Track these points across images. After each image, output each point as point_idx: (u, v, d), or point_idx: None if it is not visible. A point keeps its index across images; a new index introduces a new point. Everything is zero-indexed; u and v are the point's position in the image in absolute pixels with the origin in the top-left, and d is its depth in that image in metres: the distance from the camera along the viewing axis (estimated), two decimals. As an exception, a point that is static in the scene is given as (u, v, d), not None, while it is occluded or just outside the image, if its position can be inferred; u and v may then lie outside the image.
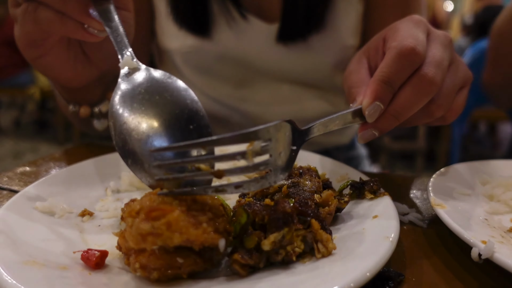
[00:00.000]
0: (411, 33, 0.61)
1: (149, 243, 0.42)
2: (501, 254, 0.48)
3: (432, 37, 0.64)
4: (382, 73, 0.59)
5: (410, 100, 0.59)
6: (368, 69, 0.68)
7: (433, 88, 0.59)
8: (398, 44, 0.59)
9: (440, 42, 0.63)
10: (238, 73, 1.11)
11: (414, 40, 0.59)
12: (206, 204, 0.48)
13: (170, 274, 0.45)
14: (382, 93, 0.58)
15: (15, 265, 0.44)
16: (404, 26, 0.64)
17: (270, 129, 0.49)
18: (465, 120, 3.90)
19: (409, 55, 0.58)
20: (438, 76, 0.59)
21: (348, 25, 1.07)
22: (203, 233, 0.44)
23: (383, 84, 0.58)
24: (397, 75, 0.59)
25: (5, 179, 0.80)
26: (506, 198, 0.67)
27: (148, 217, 0.43)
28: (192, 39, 1.06)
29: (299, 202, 0.51)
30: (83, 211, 0.62)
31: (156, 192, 0.48)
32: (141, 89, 0.55)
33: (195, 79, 1.14)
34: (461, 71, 0.67)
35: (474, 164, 0.81)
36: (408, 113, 0.60)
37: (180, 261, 0.44)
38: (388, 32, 0.66)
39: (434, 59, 0.60)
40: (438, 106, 0.63)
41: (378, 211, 0.57)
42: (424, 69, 0.59)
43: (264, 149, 0.49)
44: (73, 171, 0.73)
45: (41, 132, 6.14)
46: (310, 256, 0.49)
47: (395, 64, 0.58)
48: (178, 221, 0.43)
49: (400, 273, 0.50)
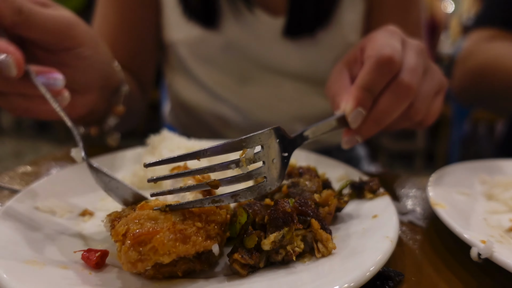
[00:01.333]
0: (388, 42, 0.64)
1: (140, 268, 0.43)
2: (500, 253, 0.48)
3: (407, 45, 0.67)
4: (362, 80, 0.62)
5: (390, 105, 0.62)
6: (349, 79, 0.70)
7: (410, 93, 0.62)
8: (376, 53, 0.62)
9: (414, 50, 0.67)
10: (242, 66, 1.12)
11: (391, 48, 0.62)
12: (194, 213, 0.47)
13: (166, 271, 0.45)
14: (363, 99, 0.61)
15: (15, 265, 0.44)
16: (380, 36, 0.67)
17: (262, 136, 0.50)
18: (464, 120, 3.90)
19: (387, 62, 0.61)
20: (414, 81, 0.62)
21: (351, 22, 1.09)
22: (192, 246, 0.44)
23: (363, 91, 0.61)
24: (377, 82, 0.61)
25: (6, 178, 0.80)
26: (505, 197, 0.67)
27: (134, 243, 0.42)
28: (198, 30, 1.07)
29: (299, 202, 0.51)
30: (83, 211, 0.62)
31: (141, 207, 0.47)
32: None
33: (199, 71, 1.15)
34: (436, 77, 0.70)
35: (473, 164, 0.81)
36: (388, 118, 0.63)
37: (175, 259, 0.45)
38: (365, 42, 0.69)
39: (410, 66, 0.63)
40: (416, 111, 0.66)
41: (378, 211, 0.57)
42: (401, 75, 0.62)
43: (257, 156, 0.50)
44: (74, 171, 0.74)
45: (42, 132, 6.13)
46: (310, 256, 0.49)
47: (374, 72, 0.61)
48: (163, 244, 0.43)
49: (399, 273, 0.50)
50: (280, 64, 1.11)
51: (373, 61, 0.61)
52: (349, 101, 0.62)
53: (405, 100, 0.63)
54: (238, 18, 1.06)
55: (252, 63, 1.11)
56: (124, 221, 0.45)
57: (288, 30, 1.05)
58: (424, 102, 0.67)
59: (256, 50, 1.09)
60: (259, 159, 0.51)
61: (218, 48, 1.10)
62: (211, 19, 1.06)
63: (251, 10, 1.05)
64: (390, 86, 0.63)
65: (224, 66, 1.13)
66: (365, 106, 0.62)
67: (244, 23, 1.06)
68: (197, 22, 1.07)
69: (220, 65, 1.13)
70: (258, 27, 1.07)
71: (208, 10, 1.05)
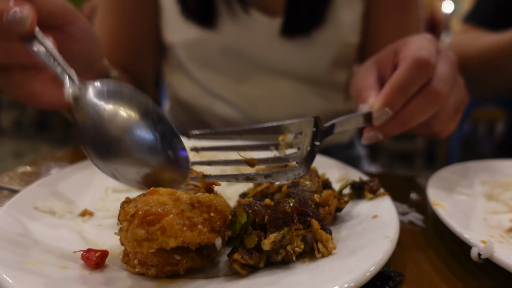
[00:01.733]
0: (425, 46, 0.63)
1: (145, 247, 0.42)
2: (500, 253, 0.48)
3: (441, 55, 0.67)
4: (397, 80, 0.61)
5: (418, 110, 0.62)
6: (377, 78, 0.70)
7: (440, 101, 0.62)
8: (414, 54, 0.61)
9: (448, 60, 0.66)
10: (240, 67, 1.12)
11: (428, 52, 0.62)
12: (202, 203, 0.47)
13: (168, 270, 0.45)
14: (394, 99, 0.61)
15: (15, 265, 0.44)
16: (417, 40, 0.67)
17: (302, 124, 0.53)
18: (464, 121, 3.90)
19: (424, 65, 0.60)
20: (445, 91, 0.62)
21: (348, 22, 1.09)
22: (198, 235, 0.44)
23: (397, 91, 0.61)
24: (411, 84, 0.61)
25: (6, 179, 0.80)
26: (505, 198, 0.67)
27: (142, 222, 0.42)
28: (196, 31, 1.08)
29: (299, 202, 0.51)
30: (83, 211, 0.62)
31: (151, 192, 0.47)
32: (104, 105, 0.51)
33: (198, 73, 1.16)
34: (461, 92, 0.70)
35: (474, 164, 0.81)
36: (414, 122, 0.63)
37: (177, 258, 0.45)
38: (400, 45, 0.68)
39: (443, 75, 0.63)
40: (438, 121, 0.66)
41: (378, 211, 0.57)
42: (434, 82, 0.62)
43: (296, 141, 0.54)
44: (74, 171, 0.74)
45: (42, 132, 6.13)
46: (310, 256, 0.49)
47: (410, 72, 0.60)
48: (172, 226, 0.43)
49: (400, 273, 0.50)
50: (278, 63, 1.11)
51: (410, 61, 0.61)
52: (379, 98, 0.62)
53: (434, 107, 0.63)
54: (235, 18, 1.06)
55: (250, 63, 1.11)
56: (133, 204, 0.45)
57: (285, 30, 1.05)
58: (448, 114, 0.67)
59: (253, 50, 1.09)
60: (296, 145, 0.54)
61: (216, 50, 1.10)
62: (209, 19, 1.06)
63: (246, 11, 1.05)
64: (422, 91, 0.62)
65: (222, 67, 1.13)
66: (393, 107, 0.61)
67: (241, 24, 1.07)
68: (194, 23, 1.07)
69: (218, 66, 1.13)
70: (255, 27, 1.07)
71: (206, 10, 1.05)
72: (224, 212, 0.47)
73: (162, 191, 0.47)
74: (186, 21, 1.08)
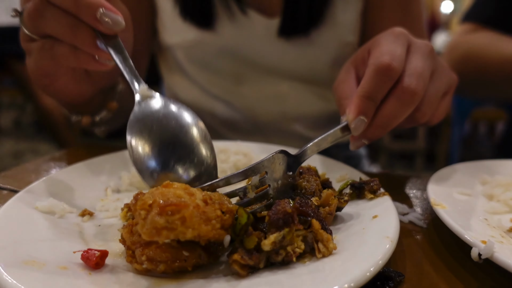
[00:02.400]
0: (388, 49, 0.64)
1: (163, 236, 0.43)
2: (501, 254, 0.48)
3: (413, 48, 0.67)
4: (363, 89, 0.63)
5: (395, 110, 0.63)
6: (356, 79, 0.71)
7: (415, 98, 0.63)
8: (375, 61, 0.63)
9: (421, 52, 0.67)
10: (238, 68, 1.12)
11: (390, 56, 0.63)
12: (214, 201, 0.49)
13: (176, 266, 0.46)
14: (364, 107, 0.62)
15: (15, 265, 0.44)
16: (384, 40, 0.68)
17: (265, 163, 0.55)
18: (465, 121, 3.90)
19: (385, 70, 0.62)
20: (419, 86, 0.62)
21: (347, 21, 1.09)
22: (212, 229, 0.45)
23: (365, 99, 0.62)
24: (377, 90, 0.62)
25: (5, 179, 0.80)
26: (506, 198, 0.67)
27: (163, 211, 0.43)
28: (194, 33, 1.08)
29: (300, 202, 0.51)
30: (83, 211, 0.62)
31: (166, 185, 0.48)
32: (159, 114, 0.58)
33: (196, 74, 1.15)
34: (444, 77, 0.70)
35: (474, 164, 0.81)
36: (394, 123, 0.64)
37: (186, 254, 0.45)
38: (371, 44, 0.70)
39: (416, 70, 0.63)
40: (422, 114, 0.67)
41: (378, 211, 0.57)
42: (406, 80, 0.62)
43: (262, 181, 0.56)
44: (73, 171, 0.73)
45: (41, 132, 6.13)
46: (310, 256, 0.49)
47: (373, 80, 0.62)
48: (192, 217, 0.44)
49: (400, 273, 0.50)
50: (277, 64, 1.11)
51: (371, 69, 0.63)
52: (351, 110, 0.63)
53: (410, 105, 0.63)
54: (233, 19, 1.06)
55: (248, 64, 1.11)
56: (149, 194, 0.46)
57: (283, 31, 1.05)
58: (431, 105, 0.67)
59: (252, 51, 1.09)
60: (265, 182, 0.56)
61: (214, 51, 1.10)
62: (207, 21, 1.06)
63: (244, 12, 1.05)
64: (394, 91, 0.63)
65: (221, 68, 1.13)
66: (367, 114, 0.63)
67: (239, 25, 1.06)
68: (192, 24, 1.07)
69: (216, 67, 1.13)
70: (253, 28, 1.06)
71: (204, 12, 1.05)
72: (233, 210, 0.49)
73: (177, 184, 0.49)
74: (184, 22, 1.08)
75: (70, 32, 0.61)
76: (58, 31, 0.61)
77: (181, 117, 0.59)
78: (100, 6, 0.59)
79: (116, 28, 0.61)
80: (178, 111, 0.59)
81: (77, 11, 0.59)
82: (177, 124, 0.58)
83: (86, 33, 0.61)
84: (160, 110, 0.59)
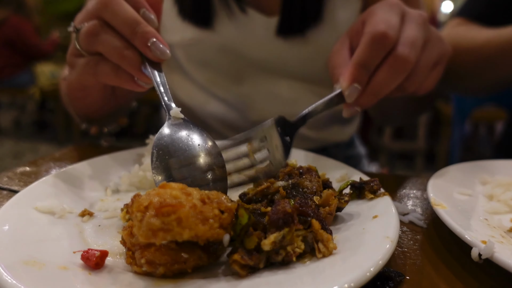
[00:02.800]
0: (384, 18, 0.66)
1: (159, 238, 0.43)
2: (501, 254, 0.48)
3: (407, 18, 0.69)
4: (358, 57, 0.65)
5: (387, 78, 0.65)
6: (349, 50, 0.73)
7: (407, 66, 0.65)
8: (371, 29, 0.64)
9: (415, 22, 0.68)
10: (237, 66, 1.12)
11: (386, 24, 0.64)
12: (212, 200, 0.48)
13: (176, 269, 0.45)
14: (358, 75, 0.65)
15: (15, 265, 0.44)
16: (379, 10, 0.69)
17: (264, 129, 0.59)
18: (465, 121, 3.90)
19: (381, 39, 0.63)
20: (412, 54, 0.64)
21: (346, 20, 1.09)
22: (210, 229, 0.45)
23: (359, 67, 0.64)
24: (371, 58, 0.64)
25: (5, 179, 0.80)
26: (506, 198, 0.67)
27: (158, 212, 0.43)
28: (193, 31, 1.08)
29: (300, 202, 0.51)
30: (83, 211, 0.62)
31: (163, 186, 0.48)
32: (185, 134, 0.62)
33: (195, 73, 1.16)
34: (437, 48, 0.71)
35: (474, 164, 0.81)
36: (385, 90, 0.66)
37: (185, 256, 0.45)
38: (366, 15, 0.71)
39: (409, 39, 0.65)
40: (411, 83, 0.69)
41: (378, 211, 0.57)
42: (399, 49, 0.64)
43: (261, 146, 0.60)
44: (73, 171, 0.73)
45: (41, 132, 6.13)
46: (310, 256, 0.49)
47: (368, 48, 0.64)
48: (188, 217, 0.43)
49: (400, 273, 0.50)
50: (275, 63, 1.11)
51: (367, 37, 0.64)
52: (345, 77, 0.65)
53: (402, 73, 0.65)
54: (233, 18, 1.06)
55: (247, 63, 1.11)
56: (146, 196, 0.46)
57: (280, 29, 1.05)
58: (421, 75, 0.69)
59: (250, 49, 1.09)
60: (264, 147, 0.60)
61: (213, 50, 1.10)
62: (206, 19, 1.06)
63: (243, 10, 1.05)
64: (387, 60, 0.65)
65: (219, 67, 1.13)
66: (360, 82, 0.65)
67: (238, 23, 1.06)
68: (191, 23, 1.07)
69: (215, 66, 1.13)
70: (252, 27, 1.06)
71: (203, 10, 1.06)
72: (232, 209, 0.48)
73: (174, 185, 0.48)
74: (183, 21, 1.08)
75: (119, 53, 0.64)
76: (109, 51, 0.65)
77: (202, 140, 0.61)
78: (153, 36, 0.64)
79: (163, 57, 0.65)
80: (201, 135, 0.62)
81: (132, 37, 0.64)
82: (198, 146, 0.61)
83: (134, 56, 0.65)
84: (186, 131, 0.62)
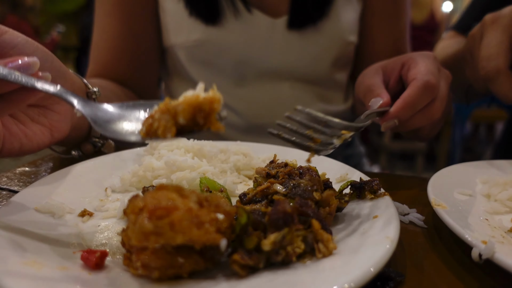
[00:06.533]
0: (431, 70, 0.76)
1: (152, 241, 0.42)
2: (501, 254, 0.48)
3: (441, 73, 0.80)
4: (409, 97, 0.72)
5: (417, 123, 0.76)
6: (382, 80, 0.81)
7: (434, 118, 0.77)
8: (424, 77, 0.73)
9: (446, 80, 0.80)
10: (240, 68, 1.13)
11: (435, 77, 0.75)
12: (210, 203, 0.48)
13: (171, 273, 0.45)
14: (404, 112, 0.73)
15: (14, 265, 0.44)
16: (422, 59, 0.79)
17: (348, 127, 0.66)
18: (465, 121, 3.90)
19: (432, 88, 0.73)
20: (440, 110, 0.77)
21: (348, 21, 1.12)
22: (205, 234, 0.44)
23: (408, 106, 0.72)
24: (420, 102, 0.74)
25: (4, 179, 0.80)
26: (502, 198, 0.67)
27: (151, 215, 0.42)
28: (200, 30, 1.08)
29: (300, 202, 0.50)
30: (83, 211, 0.62)
31: (159, 187, 0.47)
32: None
33: (197, 75, 1.16)
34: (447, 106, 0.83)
35: (474, 164, 0.81)
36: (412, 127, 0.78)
37: (181, 260, 0.44)
38: (408, 60, 0.80)
39: (442, 96, 0.77)
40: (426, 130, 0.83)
41: (378, 211, 0.57)
42: (436, 103, 0.76)
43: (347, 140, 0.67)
44: (73, 171, 0.73)
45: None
46: (310, 256, 0.49)
47: (420, 92, 0.72)
48: (181, 221, 0.42)
49: (400, 273, 0.50)
50: (279, 63, 1.12)
51: (421, 83, 0.72)
52: (393, 109, 0.72)
53: (428, 121, 0.77)
54: (239, 17, 1.07)
55: (250, 64, 1.12)
56: (141, 198, 0.46)
57: (292, 22, 1.08)
58: (434, 126, 0.84)
59: (255, 50, 1.10)
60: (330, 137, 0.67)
61: (217, 51, 1.10)
62: (215, 15, 1.07)
63: (249, 11, 1.06)
64: (423, 109, 0.75)
65: (222, 69, 1.13)
66: (401, 118, 0.73)
67: (244, 23, 1.07)
68: (199, 20, 1.07)
69: (217, 68, 1.13)
70: (258, 27, 1.07)
71: (212, 8, 1.06)
72: (231, 213, 0.47)
73: (170, 187, 0.47)
74: (190, 20, 1.08)
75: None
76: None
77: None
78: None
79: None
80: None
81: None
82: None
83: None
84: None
